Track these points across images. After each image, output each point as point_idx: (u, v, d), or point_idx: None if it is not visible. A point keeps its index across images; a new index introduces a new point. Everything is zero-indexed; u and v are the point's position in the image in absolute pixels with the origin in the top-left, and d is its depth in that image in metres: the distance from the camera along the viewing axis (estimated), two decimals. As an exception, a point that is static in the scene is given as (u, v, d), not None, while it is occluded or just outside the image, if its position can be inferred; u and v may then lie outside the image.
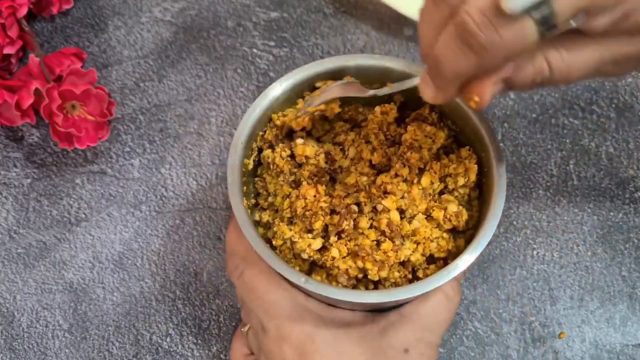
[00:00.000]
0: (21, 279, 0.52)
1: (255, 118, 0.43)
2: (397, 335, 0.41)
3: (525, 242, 0.52)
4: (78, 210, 0.54)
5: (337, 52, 0.58)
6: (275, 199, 0.44)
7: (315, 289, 0.39)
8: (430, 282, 0.39)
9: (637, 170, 0.54)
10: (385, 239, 0.41)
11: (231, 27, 0.59)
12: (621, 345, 0.50)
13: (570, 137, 0.55)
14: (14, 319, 0.51)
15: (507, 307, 0.51)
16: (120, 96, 0.57)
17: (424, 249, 0.41)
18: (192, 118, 0.56)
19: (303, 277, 0.39)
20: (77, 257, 0.53)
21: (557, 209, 0.53)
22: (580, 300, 0.51)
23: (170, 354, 0.50)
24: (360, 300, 0.39)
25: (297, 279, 0.39)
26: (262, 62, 0.58)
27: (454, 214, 0.42)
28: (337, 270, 0.41)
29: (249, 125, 0.43)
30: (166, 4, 0.60)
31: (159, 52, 0.58)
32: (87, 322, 0.51)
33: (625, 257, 0.52)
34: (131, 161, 0.55)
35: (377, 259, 0.40)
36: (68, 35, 0.59)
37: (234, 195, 0.41)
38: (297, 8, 0.59)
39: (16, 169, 0.55)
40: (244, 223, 0.40)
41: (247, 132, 0.43)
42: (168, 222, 0.53)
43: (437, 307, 0.42)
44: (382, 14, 0.59)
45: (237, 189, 0.41)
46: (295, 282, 0.39)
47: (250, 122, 0.43)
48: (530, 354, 0.50)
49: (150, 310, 0.51)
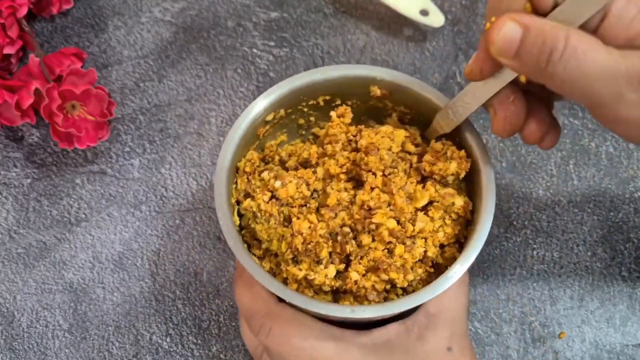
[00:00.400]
0: (21, 279, 0.52)
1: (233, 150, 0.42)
2: (436, 337, 0.41)
3: (525, 242, 0.52)
4: (78, 210, 0.54)
5: (337, 52, 0.58)
6: (271, 243, 0.43)
7: (364, 313, 0.38)
8: (433, 288, 0.39)
9: (637, 170, 0.54)
10: (395, 244, 0.41)
11: (231, 27, 0.59)
12: (621, 345, 0.50)
13: (570, 137, 0.55)
14: (14, 319, 0.51)
15: (507, 307, 0.51)
16: (120, 96, 0.57)
17: (434, 241, 0.41)
18: (192, 118, 0.56)
19: (348, 308, 0.38)
20: (77, 257, 0.53)
21: (557, 209, 0.53)
22: (580, 300, 0.51)
23: (170, 354, 0.50)
24: (388, 312, 0.38)
25: (342, 312, 0.38)
26: (262, 62, 0.58)
27: (462, 207, 0.41)
28: (364, 290, 0.40)
29: (228, 160, 0.42)
30: (166, 4, 0.60)
31: (159, 52, 0.58)
32: (87, 322, 0.51)
33: (625, 257, 0.52)
34: (131, 161, 0.55)
35: (397, 265, 0.40)
36: (68, 35, 0.59)
37: (237, 247, 0.40)
38: (297, 8, 0.59)
39: (16, 169, 0.55)
40: (257, 273, 0.39)
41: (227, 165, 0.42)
42: (168, 222, 0.53)
43: (456, 294, 0.42)
44: (382, 14, 0.59)
45: (239, 243, 0.40)
46: (340, 315, 0.38)
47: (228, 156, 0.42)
48: (530, 354, 0.50)
49: (150, 310, 0.51)
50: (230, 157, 0.42)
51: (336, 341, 0.40)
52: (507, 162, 0.54)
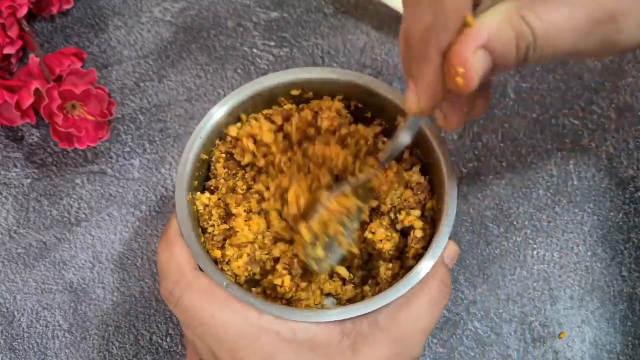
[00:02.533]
0: (21, 279, 0.52)
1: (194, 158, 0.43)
2: (372, 351, 0.36)
3: (525, 242, 0.52)
4: (78, 210, 0.54)
5: (337, 52, 0.58)
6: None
7: (272, 310, 0.36)
8: (386, 295, 0.37)
9: (637, 170, 0.54)
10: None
11: (231, 27, 0.59)
12: (621, 346, 0.50)
13: (570, 137, 0.55)
14: (14, 319, 0.51)
15: (507, 307, 0.51)
16: (120, 96, 0.57)
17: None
18: (192, 118, 0.56)
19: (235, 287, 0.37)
20: (77, 257, 0.53)
21: (557, 209, 0.53)
22: (580, 300, 0.51)
23: (170, 354, 0.50)
24: (317, 319, 0.36)
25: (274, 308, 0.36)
26: (262, 62, 0.58)
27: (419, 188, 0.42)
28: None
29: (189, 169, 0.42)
30: (166, 4, 0.60)
31: (159, 52, 0.58)
32: (87, 322, 0.51)
33: (625, 257, 0.52)
34: (131, 161, 0.55)
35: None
36: (68, 35, 0.59)
37: (180, 198, 0.40)
38: (297, 8, 0.59)
39: (16, 169, 0.55)
40: (184, 228, 0.39)
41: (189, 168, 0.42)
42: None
43: (419, 313, 0.37)
44: (382, 14, 0.59)
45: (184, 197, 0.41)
46: (272, 311, 0.36)
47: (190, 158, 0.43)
48: (530, 354, 0.50)
49: (150, 310, 0.51)
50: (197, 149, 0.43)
51: (247, 324, 0.36)
52: (507, 162, 0.54)
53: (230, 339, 0.35)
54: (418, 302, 0.37)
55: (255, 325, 0.36)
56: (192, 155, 0.42)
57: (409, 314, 0.37)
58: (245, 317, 0.36)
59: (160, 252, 0.39)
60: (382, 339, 0.36)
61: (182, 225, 0.39)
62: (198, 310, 0.36)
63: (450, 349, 0.50)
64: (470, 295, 0.51)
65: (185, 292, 0.37)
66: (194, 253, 0.38)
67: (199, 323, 0.36)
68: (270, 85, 0.44)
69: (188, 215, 0.40)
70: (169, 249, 0.38)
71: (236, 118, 0.44)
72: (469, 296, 0.51)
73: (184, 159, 0.42)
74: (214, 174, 0.45)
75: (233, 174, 0.45)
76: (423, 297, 0.37)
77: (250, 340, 0.35)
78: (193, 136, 0.43)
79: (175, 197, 0.41)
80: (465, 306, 0.51)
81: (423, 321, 0.37)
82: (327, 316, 0.36)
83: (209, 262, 0.38)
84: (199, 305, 0.36)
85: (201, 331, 0.36)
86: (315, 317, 0.36)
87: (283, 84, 0.44)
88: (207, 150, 0.44)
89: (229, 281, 0.37)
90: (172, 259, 0.38)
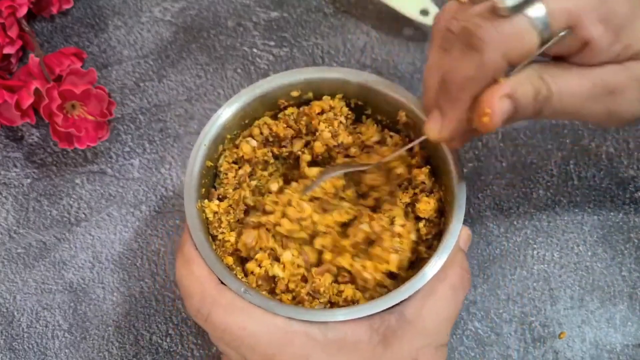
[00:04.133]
0: (21, 279, 0.52)
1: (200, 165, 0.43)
2: (402, 345, 0.37)
3: (525, 242, 0.52)
4: (78, 210, 0.54)
5: (337, 52, 0.58)
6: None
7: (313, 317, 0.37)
8: (397, 294, 0.37)
9: (637, 170, 0.54)
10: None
11: (231, 27, 0.59)
12: (621, 346, 0.50)
13: (570, 137, 0.55)
14: (13, 319, 0.51)
15: (507, 307, 0.51)
16: (120, 96, 0.57)
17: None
18: (192, 118, 0.56)
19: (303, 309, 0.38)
20: (77, 257, 0.53)
21: (557, 209, 0.53)
22: (580, 300, 0.51)
23: (170, 354, 0.50)
24: (346, 317, 0.37)
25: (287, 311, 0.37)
26: (262, 62, 0.58)
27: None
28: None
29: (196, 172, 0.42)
30: (166, 4, 0.60)
31: (159, 52, 0.58)
32: (87, 322, 0.51)
33: (625, 257, 0.52)
34: (131, 161, 0.55)
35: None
36: (68, 35, 0.59)
37: (191, 213, 0.40)
38: (297, 8, 0.59)
39: (16, 169, 0.55)
40: (194, 227, 0.39)
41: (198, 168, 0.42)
42: (168, 222, 0.53)
43: (442, 302, 0.39)
44: (382, 14, 0.59)
45: (196, 215, 0.41)
46: (285, 314, 0.37)
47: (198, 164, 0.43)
48: (531, 354, 0.50)
49: (150, 310, 0.51)
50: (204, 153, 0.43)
51: (278, 330, 0.37)
52: (507, 162, 0.54)
53: (264, 347, 0.37)
54: (441, 291, 0.39)
55: (284, 330, 0.37)
56: (197, 165, 0.42)
57: (434, 304, 0.38)
58: (274, 324, 0.37)
59: (178, 269, 0.40)
60: (411, 332, 0.37)
61: (194, 236, 0.40)
62: (229, 325, 0.38)
63: (450, 349, 0.50)
64: (470, 295, 0.51)
65: (212, 309, 0.38)
66: (208, 263, 0.39)
67: (231, 337, 0.38)
68: (272, 88, 0.44)
69: (199, 225, 0.41)
70: (187, 266, 0.40)
71: (239, 122, 0.45)
72: (469, 296, 0.51)
73: (189, 169, 0.42)
74: (223, 182, 0.45)
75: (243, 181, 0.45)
76: (445, 285, 0.39)
77: (283, 345, 0.37)
78: (197, 144, 0.42)
79: (185, 210, 0.41)
80: (465, 306, 0.51)
81: (447, 309, 0.39)
82: (355, 312, 0.37)
83: (225, 270, 0.39)
84: (230, 320, 0.38)
85: (235, 344, 0.38)
86: (342, 315, 0.37)
87: (283, 86, 0.44)
88: (212, 157, 0.44)
89: (246, 287, 0.38)
90: (193, 276, 0.39)
